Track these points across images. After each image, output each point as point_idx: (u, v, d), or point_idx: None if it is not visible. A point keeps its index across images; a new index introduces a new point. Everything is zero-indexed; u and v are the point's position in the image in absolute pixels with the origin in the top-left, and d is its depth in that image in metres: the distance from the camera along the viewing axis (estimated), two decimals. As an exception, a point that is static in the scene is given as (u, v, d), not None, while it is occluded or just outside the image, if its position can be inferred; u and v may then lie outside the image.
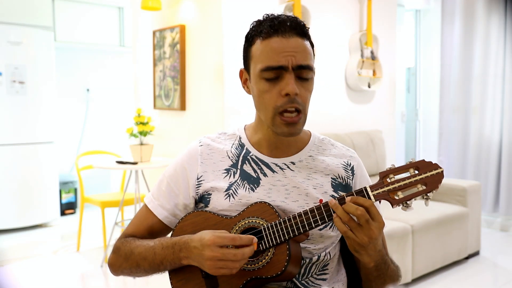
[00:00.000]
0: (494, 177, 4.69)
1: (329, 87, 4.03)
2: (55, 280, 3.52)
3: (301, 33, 1.19)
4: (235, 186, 1.23)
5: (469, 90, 4.86)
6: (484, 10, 4.69)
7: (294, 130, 1.19)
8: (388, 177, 1.09)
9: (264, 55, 1.17)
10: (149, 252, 1.20)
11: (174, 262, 1.16)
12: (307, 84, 1.19)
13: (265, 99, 1.18)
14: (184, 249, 1.13)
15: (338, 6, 4.08)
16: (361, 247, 1.07)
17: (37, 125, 4.79)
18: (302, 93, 1.18)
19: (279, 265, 1.10)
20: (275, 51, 1.16)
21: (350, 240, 1.07)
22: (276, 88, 1.17)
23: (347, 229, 1.06)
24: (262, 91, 1.19)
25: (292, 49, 1.16)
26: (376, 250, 1.10)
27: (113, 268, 1.29)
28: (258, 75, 1.19)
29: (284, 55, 1.15)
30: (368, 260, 1.11)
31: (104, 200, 3.91)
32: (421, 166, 1.08)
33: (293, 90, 1.14)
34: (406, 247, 3.19)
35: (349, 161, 1.30)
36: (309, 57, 1.19)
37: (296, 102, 1.16)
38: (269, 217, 1.15)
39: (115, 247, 1.28)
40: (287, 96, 1.15)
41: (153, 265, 1.19)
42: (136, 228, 1.31)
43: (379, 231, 1.06)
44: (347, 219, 1.06)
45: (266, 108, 1.19)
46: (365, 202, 1.06)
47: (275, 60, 1.15)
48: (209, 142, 1.31)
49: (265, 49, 1.17)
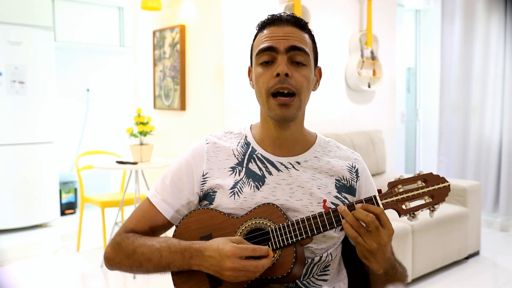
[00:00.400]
0: (494, 177, 4.69)
1: (329, 87, 4.03)
2: (55, 280, 3.52)
3: (298, 25, 1.23)
4: (240, 184, 1.24)
5: (469, 90, 4.86)
6: (484, 10, 4.69)
7: (288, 112, 1.20)
8: (396, 187, 1.12)
9: (259, 42, 1.23)
10: (154, 254, 1.18)
11: (182, 267, 1.15)
12: (302, 69, 1.21)
13: (259, 83, 1.22)
14: (196, 257, 1.12)
15: (338, 6, 4.08)
16: (370, 253, 1.08)
17: (37, 125, 4.79)
18: (296, 77, 1.19)
19: (286, 267, 1.11)
20: (268, 36, 1.21)
21: (360, 246, 1.09)
22: (270, 71, 1.20)
23: (357, 235, 1.07)
24: (258, 76, 1.23)
25: (285, 33, 1.21)
26: (385, 257, 1.11)
27: (110, 263, 1.26)
28: (255, 63, 1.24)
29: (276, 38, 1.20)
30: (377, 267, 1.12)
31: (104, 200, 3.91)
32: (428, 179, 1.12)
33: (282, 70, 1.17)
34: (406, 247, 3.20)
35: (354, 163, 1.31)
36: (304, 43, 1.22)
37: (287, 83, 1.18)
38: (277, 219, 1.15)
39: (115, 242, 1.25)
40: (278, 76, 1.18)
41: (158, 267, 1.18)
42: (137, 222, 1.29)
43: (388, 238, 1.08)
44: (357, 225, 1.07)
45: (260, 92, 1.22)
46: (375, 209, 1.08)
47: (267, 42, 1.20)
48: (215, 140, 1.32)
49: (261, 37, 1.23)
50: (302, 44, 1.20)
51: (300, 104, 1.21)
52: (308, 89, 1.23)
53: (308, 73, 1.22)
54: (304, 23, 1.24)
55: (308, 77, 1.22)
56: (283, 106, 1.19)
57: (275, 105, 1.19)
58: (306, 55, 1.20)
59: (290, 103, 1.19)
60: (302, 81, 1.20)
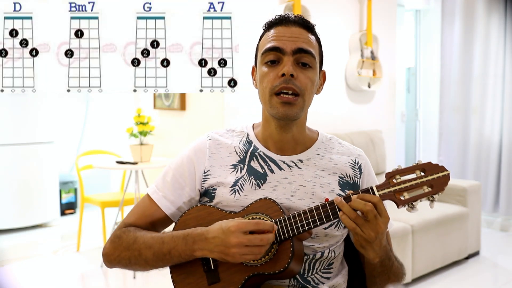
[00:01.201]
0: (494, 177, 4.69)
1: (329, 87, 4.01)
2: (55, 280, 3.52)
3: (305, 27, 1.23)
4: (241, 181, 1.23)
5: (469, 90, 4.86)
6: (484, 10, 4.69)
7: (290, 111, 1.19)
8: (394, 178, 1.10)
9: (266, 41, 1.23)
10: (155, 240, 1.17)
11: (185, 253, 1.14)
12: (307, 71, 1.20)
13: (264, 83, 1.21)
14: (199, 241, 1.12)
15: (338, 6, 4.08)
16: (368, 242, 1.08)
17: (37, 125, 4.78)
18: (301, 78, 1.19)
19: (282, 262, 1.11)
20: (275, 36, 1.21)
21: (358, 236, 1.08)
22: (275, 71, 1.20)
23: (355, 225, 1.07)
24: (262, 76, 1.22)
25: (292, 34, 1.20)
26: (382, 245, 1.11)
27: (109, 258, 1.24)
28: (260, 62, 1.23)
29: (283, 39, 1.20)
30: (373, 255, 1.12)
31: (104, 200, 3.91)
32: (427, 168, 1.09)
33: (288, 70, 1.17)
34: (406, 247, 3.20)
35: (357, 159, 1.31)
36: (311, 45, 1.21)
37: (292, 83, 1.17)
38: (274, 213, 1.15)
39: (115, 236, 1.24)
40: (283, 76, 1.17)
41: (158, 254, 1.16)
42: (138, 218, 1.28)
43: (385, 226, 1.08)
44: (354, 216, 1.07)
45: (263, 91, 1.21)
46: (372, 198, 1.07)
47: (274, 42, 1.20)
48: (217, 137, 1.32)
49: (267, 37, 1.23)
50: (309, 46, 1.20)
51: (303, 104, 1.20)
52: (312, 91, 1.22)
53: (313, 76, 1.22)
54: (312, 25, 1.24)
55: (313, 79, 1.22)
56: (286, 104, 1.18)
57: (278, 103, 1.19)
58: (312, 57, 1.20)
59: (294, 102, 1.18)
60: (306, 83, 1.19)
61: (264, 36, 1.25)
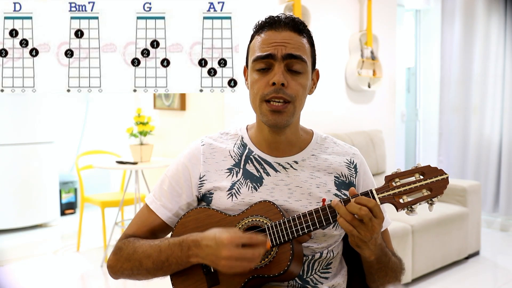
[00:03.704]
0: (494, 177, 4.69)
1: (329, 87, 4.03)
2: (55, 280, 3.52)
3: (296, 29, 1.21)
4: (238, 185, 1.23)
5: (469, 90, 4.86)
6: (484, 10, 4.69)
7: (280, 119, 1.18)
8: (393, 181, 1.11)
9: (256, 47, 1.21)
10: (154, 249, 1.18)
11: (181, 259, 1.15)
12: (298, 77, 1.19)
13: (254, 89, 1.20)
14: (194, 247, 1.12)
15: (338, 6, 4.08)
16: (363, 242, 1.09)
17: (37, 125, 4.78)
18: (292, 85, 1.18)
19: (282, 264, 1.11)
20: (265, 42, 1.19)
21: (354, 237, 1.09)
22: (266, 78, 1.19)
23: (352, 228, 1.07)
24: (253, 82, 1.21)
25: (283, 39, 1.18)
26: (377, 244, 1.12)
27: (113, 270, 1.27)
28: (251, 67, 1.22)
29: (273, 45, 1.18)
30: (369, 253, 1.12)
31: (104, 200, 3.91)
32: (426, 172, 1.10)
33: (279, 80, 1.16)
34: (406, 247, 3.20)
35: (352, 158, 1.31)
36: (302, 50, 1.19)
37: (283, 93, 1.17)
38: (273, 216, 1.15)
39: (117, 248, 1.26)
40: (274, 85, 1.16)
41: (157, 263, 1.17)
42: (138, 228, 1.29)
43: (380, 226, 1.08)
44: (350, 218, 1.07)
45: (254, 97, 1.21)
46: (368, 202, 1.07)
47: (264, 49, 1.18)
48: (211, 141, 1.31)
49: (257, 41, 1.21)
50: (299, 51, 1.18)
51: (294, 111, 1.20)
52: (304, 95, 1.22)
53: (305, 81, 1.21)
54: (303, 26, 1.22)
55: (305, 85, 1.21)
56: (275, 112, 1.18)
57: (268, 111, 1.18)
58: (303, 62, 1.19)
59: (283, 110, 1.18)
60: (298, 90, 1.19)
61: (254, 39, 1.23)
